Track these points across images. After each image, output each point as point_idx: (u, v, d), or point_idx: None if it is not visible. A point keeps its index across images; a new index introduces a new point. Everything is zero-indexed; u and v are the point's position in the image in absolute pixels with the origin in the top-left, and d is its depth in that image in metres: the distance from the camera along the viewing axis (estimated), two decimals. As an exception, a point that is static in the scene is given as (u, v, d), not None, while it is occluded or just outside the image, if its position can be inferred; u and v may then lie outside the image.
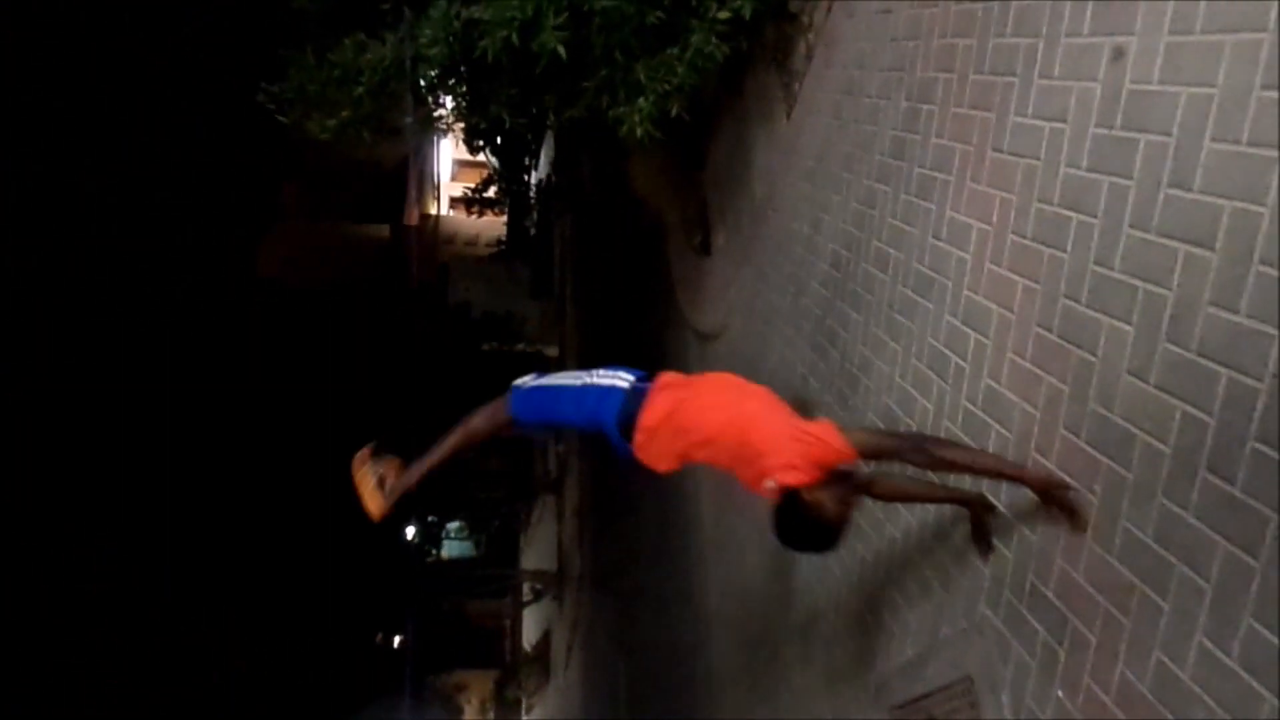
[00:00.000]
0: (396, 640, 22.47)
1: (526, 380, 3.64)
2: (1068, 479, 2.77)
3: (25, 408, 10.53)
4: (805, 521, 2.86)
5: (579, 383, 3.48)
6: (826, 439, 2.85)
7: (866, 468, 3.27)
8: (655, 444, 3.28)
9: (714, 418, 3.13)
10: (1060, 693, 2.80)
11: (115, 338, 11.92)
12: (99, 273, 11.72)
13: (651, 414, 3.26)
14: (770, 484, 2.88)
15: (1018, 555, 3.08)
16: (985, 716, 3.25)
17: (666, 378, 3.43)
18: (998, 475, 3.05)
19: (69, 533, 11.39)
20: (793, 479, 2.83)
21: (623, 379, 3.42)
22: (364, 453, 3.70)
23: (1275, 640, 2.05)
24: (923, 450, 2.93)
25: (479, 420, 3.68)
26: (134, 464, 12.06)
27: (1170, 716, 2.34)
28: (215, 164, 13.73)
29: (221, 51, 11.43)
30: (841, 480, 2.89)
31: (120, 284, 12.06)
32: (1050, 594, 2.87)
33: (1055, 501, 2.78)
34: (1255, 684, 2.10)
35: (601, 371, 3.48)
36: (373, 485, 3.61)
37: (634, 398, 3.33)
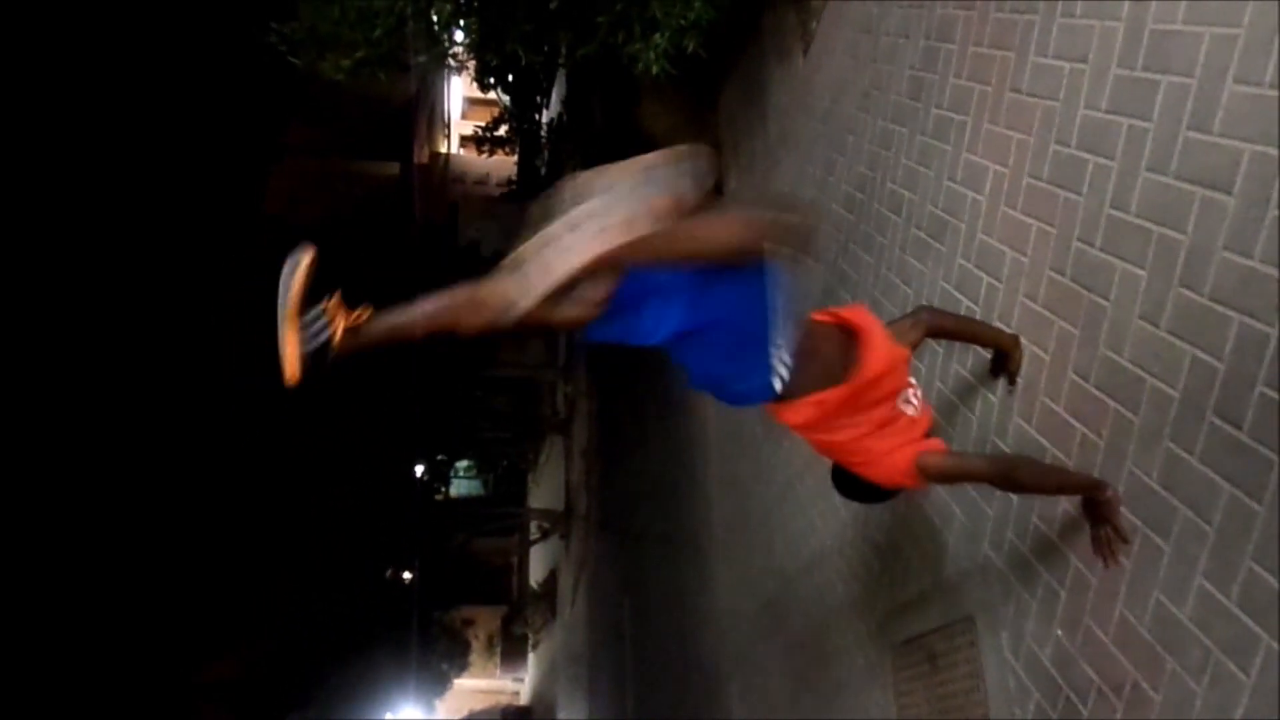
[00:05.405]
0: (406, 576, 22.82)
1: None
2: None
3: (32, 338, 10.62)
4: (868, 489, 2.76)
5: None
6: (915, 481, 2.59)
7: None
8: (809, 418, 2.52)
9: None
10: (1060, 632, 2.85)
11: (121, 274, 11.93)
12: (103, 210, 11.70)
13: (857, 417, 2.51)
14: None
15: (1022, 497, 3.11)
16: (985, 654, 3.31)
17: (875, 367, 2.48)
18: (1071, 491, 2.79)
19: (90, 471, 11.55)
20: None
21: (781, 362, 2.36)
22: (304, 271, 2.26)
23: (1275, 583, 2.08)
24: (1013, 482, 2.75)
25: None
26: (145, 401, 12.16)
27: (1167, 656, 2.38)
28: (223, 101, 13.63)
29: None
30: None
31: (126, 220, 12.04)
32: (1053, 536, 2.90)
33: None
34: (1253, 625, 2.13)
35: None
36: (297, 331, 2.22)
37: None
